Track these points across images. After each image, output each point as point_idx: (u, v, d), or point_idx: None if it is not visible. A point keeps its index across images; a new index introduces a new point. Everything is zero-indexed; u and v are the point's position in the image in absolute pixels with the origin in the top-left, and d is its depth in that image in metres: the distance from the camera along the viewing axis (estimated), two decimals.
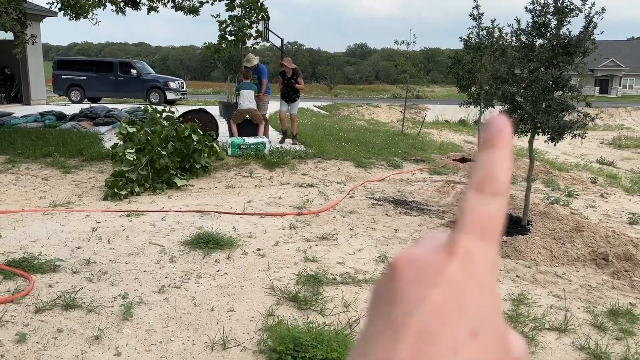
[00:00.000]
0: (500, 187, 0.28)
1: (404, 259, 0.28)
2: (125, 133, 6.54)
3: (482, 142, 0.29)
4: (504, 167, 0.28)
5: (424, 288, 0.26)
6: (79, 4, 7.43)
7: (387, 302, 0.27)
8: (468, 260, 0.27)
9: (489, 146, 0.29)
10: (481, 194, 0.28)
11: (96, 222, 4.96)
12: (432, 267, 0.27)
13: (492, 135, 0.29)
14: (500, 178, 0.28)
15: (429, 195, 7.28)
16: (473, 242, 0.27)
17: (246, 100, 9.65)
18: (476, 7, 9.74)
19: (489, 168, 0.28)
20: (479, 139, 9.91)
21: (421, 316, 0.25)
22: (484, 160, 0.29)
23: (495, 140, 0.29)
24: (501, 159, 0.28)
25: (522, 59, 5.13)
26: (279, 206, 6.01)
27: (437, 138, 16.54)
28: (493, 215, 0.28)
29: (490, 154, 0.29)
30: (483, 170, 0.28)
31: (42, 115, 12.63)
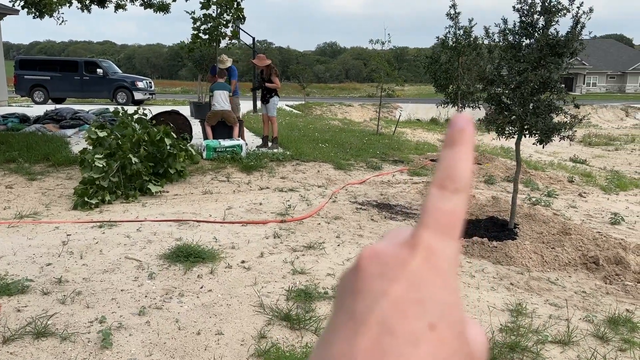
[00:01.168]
0: (461, 184, 0.29)
1: (368, 254, 0.29)
2: (95, 137, 6.19)
3: (444, 140, 0.30)
4: (465, 165, 0.29)
5: (385, 282, 0.27)
6: (44, 2, 7.01)
7: (350, 296, 0.28)
8: (429, 255, 0.28)
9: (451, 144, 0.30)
10: (443, 191, 0.29)
11: (66, 235, 4.63)
12: (395, 262, 0.28)
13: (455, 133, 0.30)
14: (461, 175, 0.29)
15: (412, 197, 7.15)
16: (434, 237, 0.28)
17: (220, 101, 9.35)
18: (453, 7, 9.68)
19: (451, 165, 0.29)
20: None
21: (382, 310, 0.26)
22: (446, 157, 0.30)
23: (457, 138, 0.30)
24: (462, 156, 0.29)
25: (510, 60, 5.02)
26: (260, 213, 5.77)
27: (412, 137, 16.50)
28: (454, 212, 0.28)
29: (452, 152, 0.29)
30: (444, 167, 0.29)
31: (3, 118, 12.03)
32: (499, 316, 3.52)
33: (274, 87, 9.64)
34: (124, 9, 12.81)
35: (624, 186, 9.34)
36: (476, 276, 4.30)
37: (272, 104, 9.72)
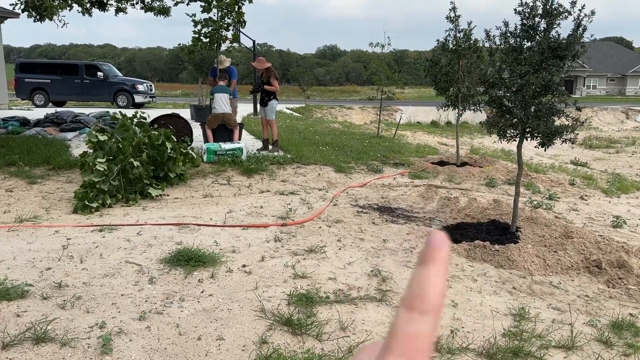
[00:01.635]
0: (429, 305, 0.28)
1: None
2: (95, 141, 6.17)
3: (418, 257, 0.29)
4: (435, 285, 0.28)
5: None
6: (45, 5, 7.00)
7: None
8: None
9: (425, 262, 0.29)
10: (411, 312, 0.28)
11: (66, 239, 4.61)
12: None
13: (429, 252, 0.29)
14: (430, 296, 0.28)
15: (413, 201, 7.13)
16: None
17: (221, 104, 9.33)
18: (453, 10, 9.66)
19: (421, 285, 0.28)
20: (457, 140, 9.79)
21: None
22: (418, 276, 0.28)
23: (431, 257, 0.29)
24: (434, 276, 0.28)
25: (512, 62, 5.00)
26: (261, 216, 5.75)
27: (413, 140, 16.49)
28: (421, 336, 0.27)
29: (424, 271, 0.28)
30: (415, 286, 0.28)
31: (4, 121, 12.02)
32: (502, 321, 3.50)
33: (272, 90, 9.63)
34: (124, 12, 12.83)
35: (626, 189, 9.32)
36: (478, 280, 4.28)
37: (271, 107, 9.70)
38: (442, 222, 6.07)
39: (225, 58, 10.04)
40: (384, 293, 3.73)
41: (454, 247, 5.06)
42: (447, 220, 6.21)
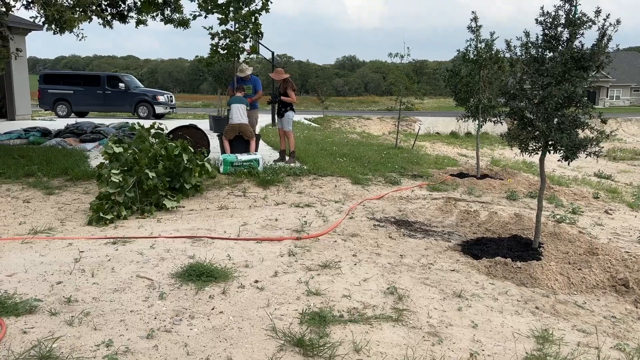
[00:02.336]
0: None
1: None
2: (111, 152, 6.17)
3: None
4: None
5: None
6: (64, 18, 7.07)
7: None
8: None
9: None
10: None
11: (79, 252, 4.58)
12: None
13: None
14: None
15: (431, 214, 6.97)
16: None
17: (237, 115, 9.32)
18: (474, 20, 9.53)
19: None
20: (477, 152, 9.59)
21: None
22: None
23: None
24: None
25: (533, 74, 4.85)
26: (276, 229, 5.66)
27: (431, 151, 16.32)
28: None
29: None
30: None
31: (26, 132, 12.21)
32: (524, 343, 3.33)
33: (289, 100, 9.60)
34: (144, 24, 12.97)
35: None
36: (499, 299, 4.12)
37: (287, 118, 9.67)
38: (461, 237, 5.91)
39: (247, 67, 10.03)
40: (400, 312, 3.60)
41: (474, 263, 4.89)
42: (467, 234, 6.04)
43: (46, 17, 7.17)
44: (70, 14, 7.15)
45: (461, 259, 5.04)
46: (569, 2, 4.93)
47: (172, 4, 12.03)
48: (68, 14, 7.10)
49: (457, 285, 4.30)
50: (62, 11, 6.96)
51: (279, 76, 9.88)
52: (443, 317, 3.63)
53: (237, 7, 9.90)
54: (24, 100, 19.04)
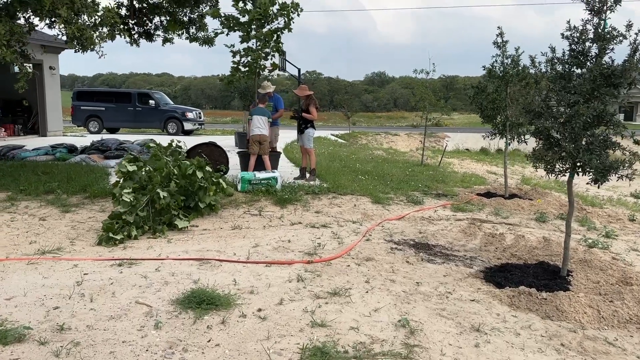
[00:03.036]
0: None
1: None
2: (125, 171, 6.11)
3: None
4: None
5: None
6: (85, 36, 7.12)
7: None
8: None
9: None
10: None
11: (83, 274, 4.47)
12: None
13: None
14: None
15: (454, 236, 6.66)
16: None
17: (258, 125, 9.17)
18: (500, 35, 9.24)
19: None
20: (505, 170, 9.21)
21: None
22: None
23: None
24: None
25: (560, 91, 4.56)
26: (288, 252, 5.46)
27: (459, 169, 15.90)
28: None
29: None
30: None
31: (53, 148, 12.40)
32: None
33: (310, 118, 9.45)
34: (171, 42, 13.10)
35: None
36: (522, 334, 3.80)
37: (307, 135, 9.51)
38: (484, 262, 5.59)
39: (268, 84, 9.96)
40: (410, 349, 3.34)
41: (496, 292, 4.58)
42: (490, 260, 5.72)
43: (67, 35, 7.23)
44: (90, 32, 7.20)
45: (483, 288, 4.74)
46: (597, 16, 4.64)
47: (197, 22, 12.11)
48: (88, 32, 7.16)
49: (476, 318, 4.00)
50: (82, 29, 7.02)
51: (302, 92, 9.76)
52: (458, 355, 3.35)
53: (259, 25, 9.88)
54: (56, 117, 19.48)
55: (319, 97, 78.43)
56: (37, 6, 6.48)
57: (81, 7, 7.13)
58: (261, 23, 9.83)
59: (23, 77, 7.25)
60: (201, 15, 11.99)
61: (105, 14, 7.97)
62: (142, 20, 12.48)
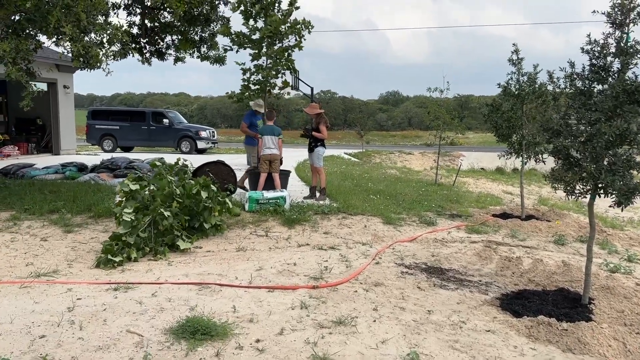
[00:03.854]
0: None
1: None
2: (127, 190, 5.95)
3: None
4: None
5: None
6: (90, 54, 7.06)
7: None
8: None
9: None
10: None
11: (76, 299, 4.27)
12: None
13: None
14: None
15: (468, 260, 6.36)
16: None
17: (268, 146, 9.01)
18: (515, 52, 9.02)
19: None
20: (522, 191, 8.90)
21: None
22: None
23: None
24: None
25: (580, 108, 4.31)
26: (292, 275, 5.22)
27: (474, 188, 15.56)
28: None
29: None
30: None
31: (63, 167, 12.36)
32: None
33: (320, 136, 9.27)
34: (182, 61, 13.11)
35: None
36: None
37: (317, 154, 9.32)
38: (500, 289, 5.28)
39: (262, 103, 9.81)
40: None
41: (513, 322, 4.27)
42: (507, 286, 5.41)
43: (72, 53, 7.17)
44: (96, 50, 7.13)
45: (499, 317, 4.43)
46: (620, 29, 4.40)
47: (208, 41, 12.09)
48: (94, 49, 7.09)
49: (491, 351, 3.71)
50: (88, 47, 6.95)
51: (312, 111, 9.60)
52: None
53: (270, 43, 9.78)
54: (70, 135, 19.58)
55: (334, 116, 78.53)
56: (43, 24, 6.42)
57: (87, 25, 7.07)
58: (272, 40, 9.74)
59: (28, 95, 7.19)
60: (212, 34, 11.97)
61: (113, 32, 7.91)
62: (153, 39, 12.50)
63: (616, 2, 4.43)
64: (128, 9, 12.22)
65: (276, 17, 9.37)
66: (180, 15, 9.90)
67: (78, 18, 7.06)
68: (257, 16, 9.70)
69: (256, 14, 9.66)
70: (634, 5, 4.36)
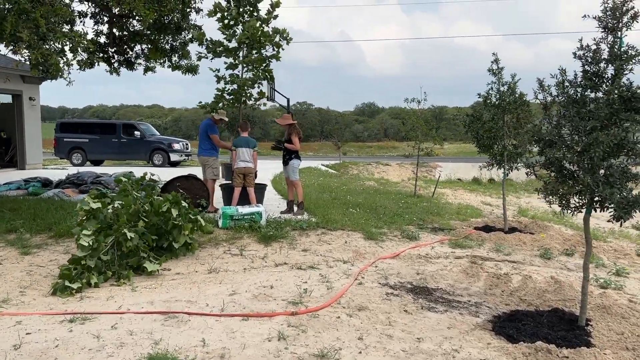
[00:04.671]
0: None
1: None
2: (88, 209, 5.47)
3: None
4: None
5: None
6: (49, 62, 6.57)
7: None
8: None
9: None
10: None
11: (25, 334, 3.79)
12: None
13: None
14: None
15: (455, 278, 6.04)
16: None
17: (242, 158, 8.59)
18: (495, 62, 8.84)
19: None
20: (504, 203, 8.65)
21: None
22: None
23: None
24: None
25: (574, 117, 4.04)
26: (269, 300, 4.80)
27: (453, 199, 15.36)
28: None
29: None
30: None
31: (26, 182, 11.71)
32: None
33: (292, 148, 8.87)
34: (152, 71, 12.60)
35: None
36: None
37: (292, 166, 8.94)
38: (491, 310, 4.96)
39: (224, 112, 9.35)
40: None
41: (509, 349, 3.94)
42: (498, 306, 5.09)
43: (30, 61, 6.67)
44: (55, 58, 6.65)
45: (493, 342, 4.10)
46: (612, 34, 4.17)
47: (179, 49, 11.64)
48: (54, 57, 6.61)
49: None
50: (47, 55, 6.47)
51: (284, 121, 9.22)
52: None
53: (248, 51, 9.41)
54: (36, 149, 18.78)
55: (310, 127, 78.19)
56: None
57: (47, 32, 6.59)
58: (249, 49, 9.38)
59: None
60: (183, 43, 11.53)
61: (76, 40, 7.44)
62: (122, 48, 12.00)
63: (607, 6, 4.21)
64: (95, 18, 11.72)
65: (253, 23, 9.01)
66: (149, 24, 9.45)
67: (36, 24, 6.58)
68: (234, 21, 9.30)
69: (233, 18, 9.26)
70: (627, 8, 4.14)
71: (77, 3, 10.87)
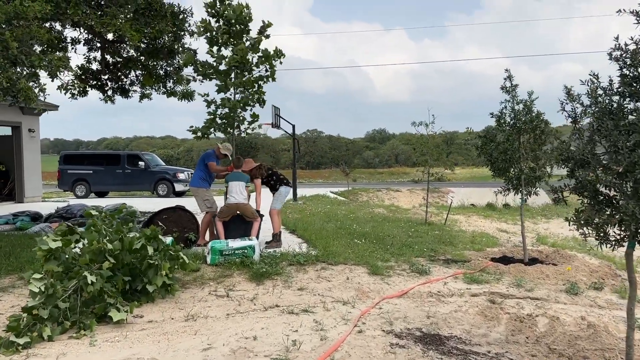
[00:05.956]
0: None
1: None
2: (46, 249, 4.79)
3: None
4: None
5: None
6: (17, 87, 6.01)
7: None
8: None
9: None
10: None
11: None
12: None
13: None
14: None
15: (471, 322, 5.23)
16: None
17: (236, 193, 7.98)
18: (509, 79, 8.15)
19: None
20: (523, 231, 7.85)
21: None
22: None
23: None
24: None
25: (612, 131, 3.31)
26: (249, 357, 4.04)
27: (467, 227, 14.51)
28: None
29: None
30: None
31: (14, 216, 11.14)
32: None
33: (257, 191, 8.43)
34: (149, 98, 12.11)
35: None
36: None
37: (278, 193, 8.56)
38: None
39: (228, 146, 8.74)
40: None
41: None
42: (523, 358, 4.27)
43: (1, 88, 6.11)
44: (25, 83, 6.09)
45: None
46: None
47: (174, 75, 11.15)
48: (22, 82, 6.05)
49: None
50: (15, 79, 5.92)
51: (248, 166, 8.50)
52: None
53: (238, 73, 8.87)
54: (35, 182, 18.32)
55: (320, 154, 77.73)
56: None
57: (19, 55, 6.06)
58: (240, 71, 8.82)
59: None
60: (178, 68, 11.04)
61: (55, 63, 6.90)
62: (116, 75, 11.54)
63: None
64: (89, 44, 11.31)
65: (242, 45, 8.46)
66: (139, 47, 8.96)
67: (6, 46, 6.04)
68: (224, 45, 8.80)
69: (223, 43, 8.77)
70: None
71: (70, 29, 10.48)
